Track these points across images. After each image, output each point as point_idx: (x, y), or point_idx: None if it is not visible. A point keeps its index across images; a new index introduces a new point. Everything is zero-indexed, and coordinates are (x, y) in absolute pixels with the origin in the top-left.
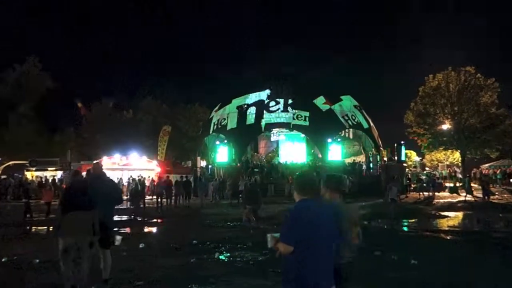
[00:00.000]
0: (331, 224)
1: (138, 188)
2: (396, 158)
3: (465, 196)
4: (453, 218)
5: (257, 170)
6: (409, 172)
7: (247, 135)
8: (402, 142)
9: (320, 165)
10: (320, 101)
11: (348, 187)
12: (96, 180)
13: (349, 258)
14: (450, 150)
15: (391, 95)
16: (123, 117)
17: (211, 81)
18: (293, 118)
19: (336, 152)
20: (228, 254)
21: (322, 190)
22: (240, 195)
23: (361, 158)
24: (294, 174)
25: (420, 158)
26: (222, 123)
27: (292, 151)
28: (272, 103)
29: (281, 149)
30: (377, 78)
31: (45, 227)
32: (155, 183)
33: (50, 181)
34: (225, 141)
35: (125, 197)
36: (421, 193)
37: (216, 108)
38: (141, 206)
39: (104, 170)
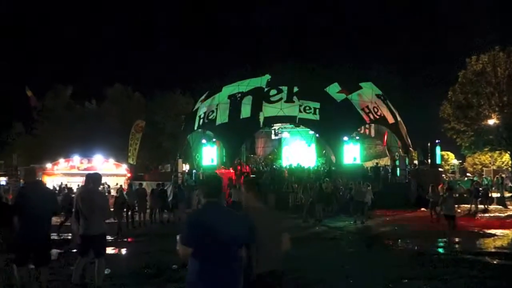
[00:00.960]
0: (234, 229)
1: (123, 197)
2: (429, 161)
3: None
4: (501, 237)
5: (253, 176)
6: (447, 179)
7: (242, 132)
8: (437, 141)
9: (333, 170)
10: (334, 89)
11: (370, 198)
12: (29, 188)
13: (271, 268)
14: (497, 152)
15: (423, 81)
16: (84, 109)
17: (194, 63)
18: (300, 111)
19: (353, 154)
20: None
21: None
22: (233, 208)
23: (386, 161)
24: (301, 182)
25: (460, 161)
26: (210, 117)
27: (298, 152)
28: (273, 91)
29: (284, 149)
30: (405, 59)
31: None
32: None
33: None
34: (214, 139)
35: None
36: (465, 205)
37: (203, 97)
38: (115, 221)
39: (60, 177)
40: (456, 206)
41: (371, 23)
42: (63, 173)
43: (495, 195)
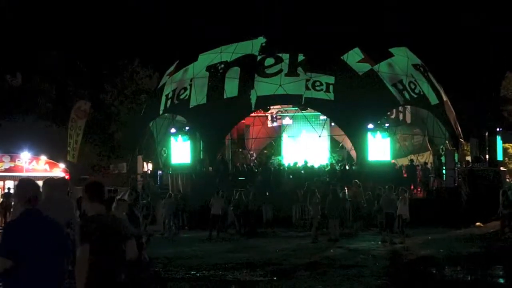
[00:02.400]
0: (55, 238)
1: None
2: (487, 157)
3: None
4: None
5: (242, 178)
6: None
7: (226, 117)
8: (498, 129)
9: (353, 170)
10: (354, 57)
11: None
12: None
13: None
14: None
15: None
16: (5, 85)
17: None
18: (307, 88)
19: (381, 148)
20: None
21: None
22: (215, 223)
23: (426, 158)
24: (309, 187)
25: None
26: (182, 96)
27: (305, 145)
28: (270, 60)
29: (285, 142)
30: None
31: None
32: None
33: None
34: (187, 128)
35: None
36: None
37: (171, 69)
38: None
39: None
40: None
41: None
42: None
43: None
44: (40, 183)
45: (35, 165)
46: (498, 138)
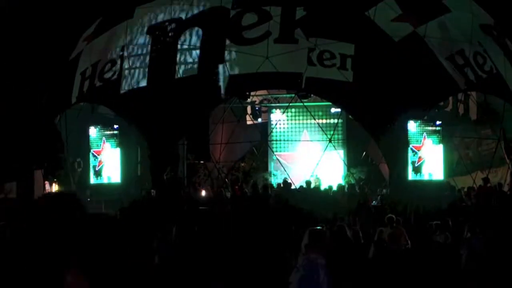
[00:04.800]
0: None
1: None
2: None
3: None
4: None
5: (204, 208)
6: None
7: (179, 109)
8: None
9: (384, 193)
10: (385, 14)
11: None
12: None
13: None
14: None
15: None
16: None
17: None
18: (311, 62)
19: (430, 159)
20: None
21: None
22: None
23: (502, 175)
24: (310, 221)
25: None
26: (108, 75)
27: (306, 154)
28: (251, 17)
29: (276, 149)
30: None
31: None
32: None
33: None
34: (116, 126)
35: None
36: None
37: (89, 31)
38: None
39: None
40: None
41: None
42: None
43: None
44: None
45: None
46: None
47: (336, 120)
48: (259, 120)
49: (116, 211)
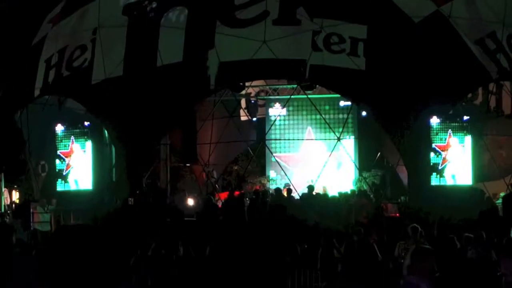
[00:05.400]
0: None
1: None
2: None
3: None
4: None
5: (190, 219)
6: None
7: (161, 103)
8: None
9: (403, 201)
10: None
11: None
12: None
13: None
14: None
15: None
16: None
17: None
18: (315, 47)
19: (456, 160)
20: None
21: None
22: None
23: None
24: (314, 235)
25: None
26: (77, 63)
27: (310, 156)
28: None
29: (275, 150)
30: None
31: None
32: None
33: None
34: (86, 123)
35: None
36: None
37: (55, 11)
38: None
39: None
40: None
41: None
42: None
43: None
44: None
45: None
46: None
47: (345, 116)
48: (255, 116)
49: (88, 223)
